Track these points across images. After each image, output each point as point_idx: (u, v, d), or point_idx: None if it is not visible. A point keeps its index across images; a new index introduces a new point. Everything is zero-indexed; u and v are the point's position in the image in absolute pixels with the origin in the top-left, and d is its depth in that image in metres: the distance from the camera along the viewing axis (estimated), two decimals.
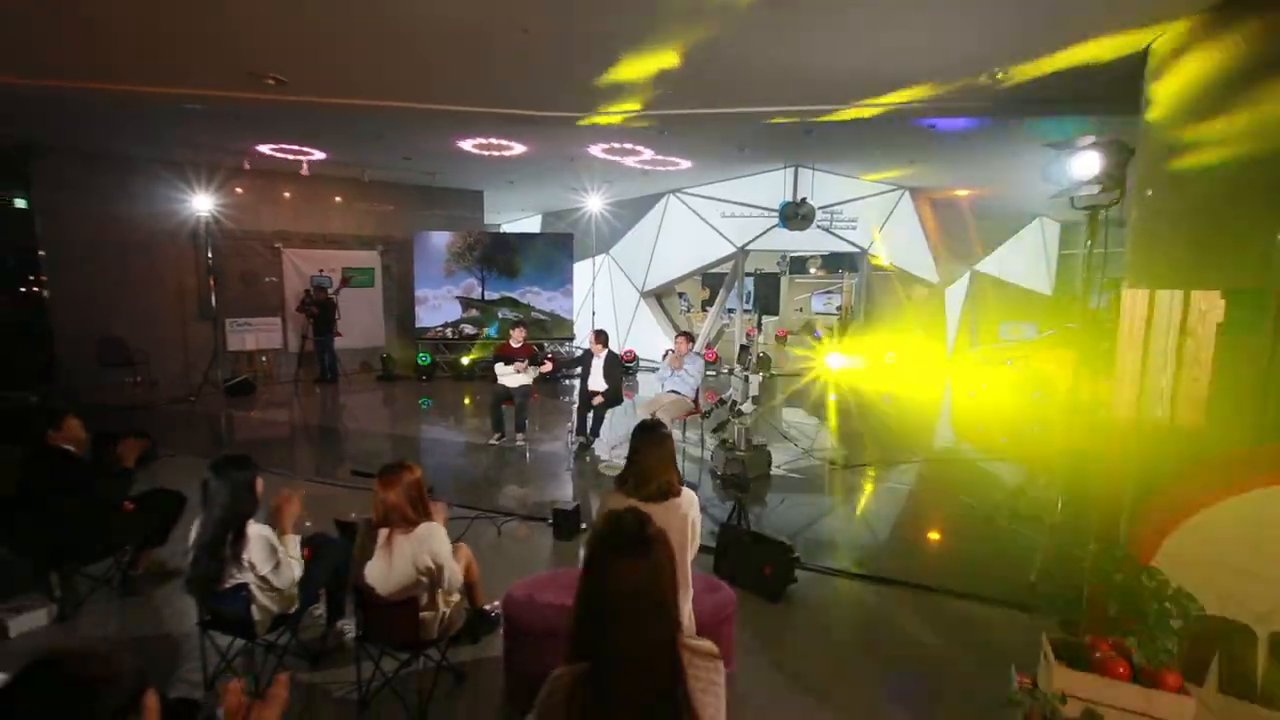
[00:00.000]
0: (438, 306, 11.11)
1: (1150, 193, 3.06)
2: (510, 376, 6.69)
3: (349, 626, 3.15)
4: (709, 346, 11.89)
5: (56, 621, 3.27)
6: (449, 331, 11.20)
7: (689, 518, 2.46)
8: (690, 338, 6.41)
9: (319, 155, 9.03)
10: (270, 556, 2.63)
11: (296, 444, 7.40)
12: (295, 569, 2.72)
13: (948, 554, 4.40)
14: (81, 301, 8.95)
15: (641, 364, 12.00)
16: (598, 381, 6.44)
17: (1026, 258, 13.74)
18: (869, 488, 5.70)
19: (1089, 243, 4.01)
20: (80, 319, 8.93)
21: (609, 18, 3.24)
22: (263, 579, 2.63)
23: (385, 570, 2.53)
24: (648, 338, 12.61)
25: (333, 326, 10.10)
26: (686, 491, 2.50)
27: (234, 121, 6.80)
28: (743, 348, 5.80)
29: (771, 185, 10.75)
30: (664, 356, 9.51)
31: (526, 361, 6.73)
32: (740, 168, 10.24)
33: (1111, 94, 3.60)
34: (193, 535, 2.65)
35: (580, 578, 1.39)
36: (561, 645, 1.43)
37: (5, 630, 3.11)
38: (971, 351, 9.70)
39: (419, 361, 10.77)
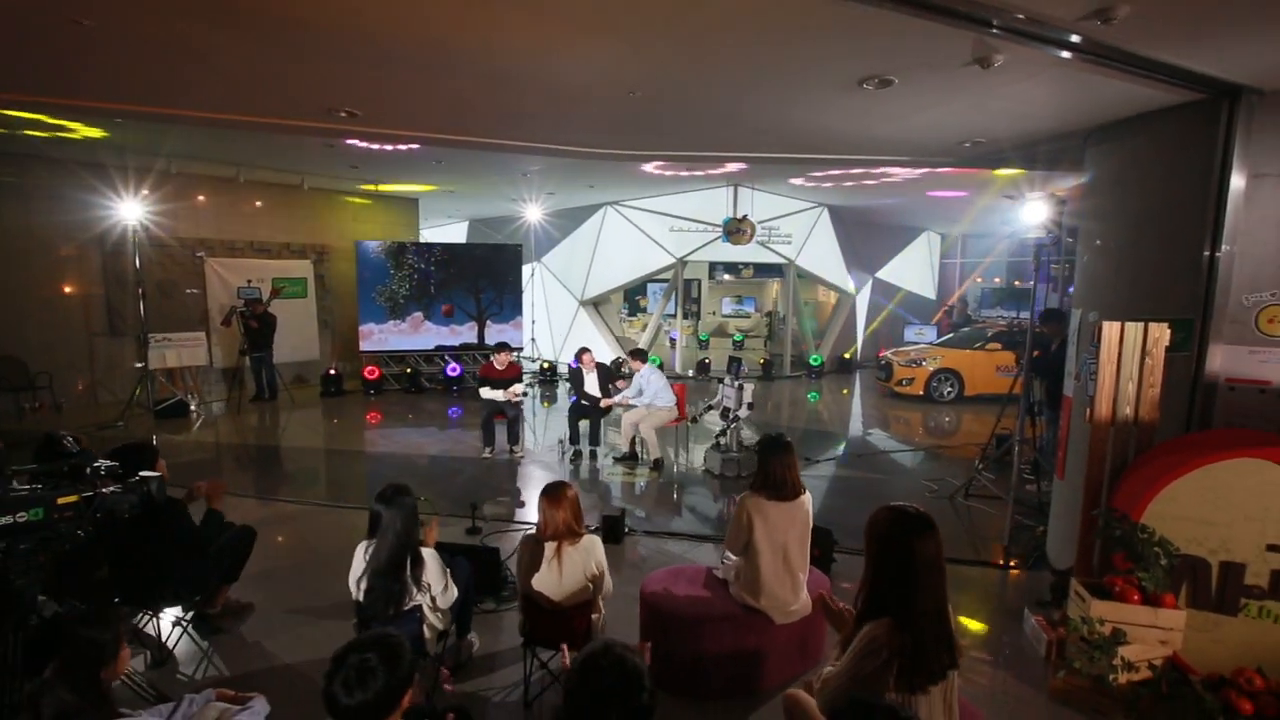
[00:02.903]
0: (383, 340, 10.77)
1: (1099, 242, 4.03)
2: (495, 394, 6.80)
3: (475, 639, 3.36)
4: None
5: (152, 667, 3.18)
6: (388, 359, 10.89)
7: (810, 512, 3.04)
8: (641, 354, 6.75)
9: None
10: (442, 577, 2.83)
11: (262, 467, 7.04)
12: (455, 588, 2.93)
13: None
14: None
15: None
16: (595, 396, 6.78)
17: (916, 266, 15.67)
18: (839, 478, 6.54)
19: (1035, 270, 5.07)
20: None
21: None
22: (432, 599, 2.83)
23: (556, 579, 2.83)
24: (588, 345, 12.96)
25: (271, 341, 9.52)
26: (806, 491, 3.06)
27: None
28: (733, 359, 6.44)
29: (708, 201, 11.54)
30: (618, 366, 9.79)
31: (519, 385, 6.87)
32: (685, 184, 10.90)
33: (1058, 157, 4.61)
34: (360, 565, 2.78)
35: (874, 555, 1.89)
36: (859, 604, 1.93)
37: None
38: (889, 352, 11.04)
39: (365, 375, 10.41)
